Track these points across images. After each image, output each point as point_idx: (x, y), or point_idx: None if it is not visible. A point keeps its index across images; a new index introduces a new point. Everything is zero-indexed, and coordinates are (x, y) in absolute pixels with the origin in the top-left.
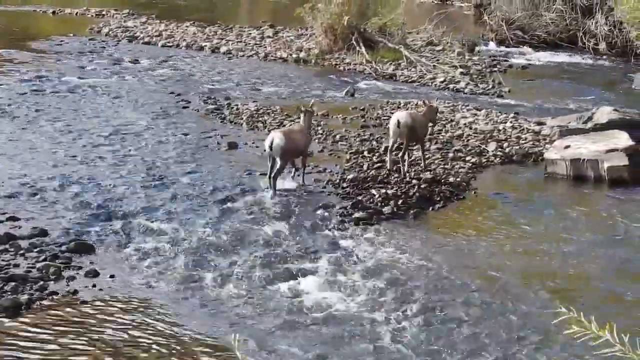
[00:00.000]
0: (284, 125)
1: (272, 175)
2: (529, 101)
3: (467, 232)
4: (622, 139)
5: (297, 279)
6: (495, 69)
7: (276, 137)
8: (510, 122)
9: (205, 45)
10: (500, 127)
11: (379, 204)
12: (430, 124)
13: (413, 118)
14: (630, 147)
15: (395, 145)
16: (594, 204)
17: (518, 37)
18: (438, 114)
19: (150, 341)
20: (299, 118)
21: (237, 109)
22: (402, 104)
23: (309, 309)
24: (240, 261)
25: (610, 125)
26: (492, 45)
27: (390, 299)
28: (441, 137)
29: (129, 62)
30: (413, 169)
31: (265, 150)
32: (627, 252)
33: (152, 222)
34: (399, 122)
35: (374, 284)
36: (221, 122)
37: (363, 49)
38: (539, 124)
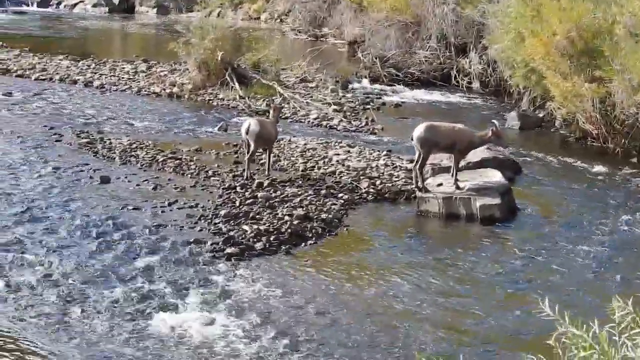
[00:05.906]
0: (157, 161)
1: (247, 159)
2: (402, 139)
3: (337, 268)
4: (495, 178)
5: (168, 313)
6: (369, 106)
7: (252, 124)
8: (383, 159)
9: (79, 79)
10: (373, 164)
11: (251, 239)
12: None
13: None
14: (502, 186)
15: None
16: (465, 242)
17: (392, 75)
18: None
19: None
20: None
21: (110, 143)
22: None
23: (180, 344)
24: (112, 296)
25: (483, 163)
26: (365, 82)
27: (260, 334)
28: (314, 173)
29: (2, 94)
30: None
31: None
32: (497, 292)
33: (23, 255)
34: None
35: (244, 319)
36: (94, 156)
37: (236, 85)
38: (412, 161)
